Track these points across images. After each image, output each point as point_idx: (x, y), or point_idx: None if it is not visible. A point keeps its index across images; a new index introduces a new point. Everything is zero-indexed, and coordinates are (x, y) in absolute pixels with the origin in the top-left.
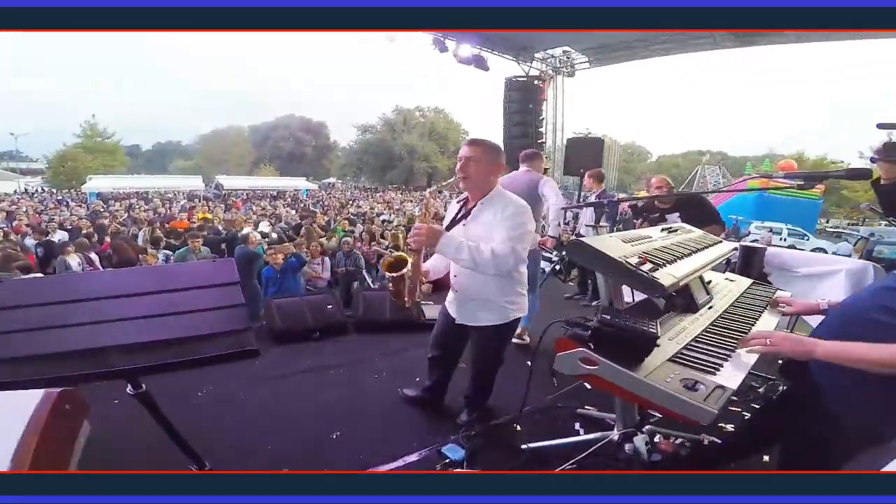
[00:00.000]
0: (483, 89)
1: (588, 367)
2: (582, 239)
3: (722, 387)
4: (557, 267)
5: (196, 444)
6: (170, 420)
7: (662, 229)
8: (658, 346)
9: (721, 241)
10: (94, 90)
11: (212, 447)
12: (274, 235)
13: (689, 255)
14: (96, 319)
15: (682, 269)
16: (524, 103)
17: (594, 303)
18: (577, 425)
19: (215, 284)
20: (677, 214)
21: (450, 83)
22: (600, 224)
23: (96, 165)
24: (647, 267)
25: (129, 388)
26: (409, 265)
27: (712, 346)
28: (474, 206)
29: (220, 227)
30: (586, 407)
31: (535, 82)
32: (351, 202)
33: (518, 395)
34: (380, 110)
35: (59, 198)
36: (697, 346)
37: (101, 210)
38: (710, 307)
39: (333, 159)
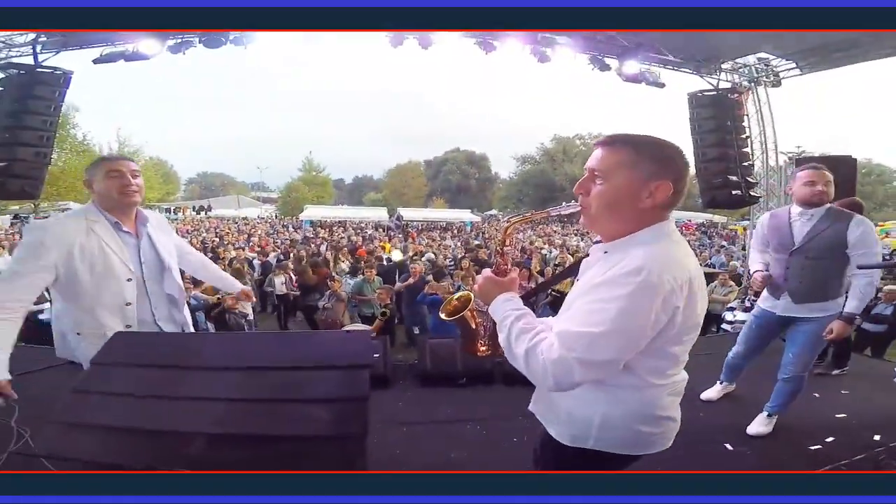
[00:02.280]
0: (655, 109)
1: None
2: None
3: None
4: None
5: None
6: None
7: None
8: None
9: None
10: (314, 129)
11: None
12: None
13: None
14: (187, 394)
15: None
16: (719, 120)
17: (834, 372)
18: None
19: (339, 366)
20: None
21: (612, 105)
22: None
23: (311, 196)
24: None
25: None
26: (472, 304)
27: None
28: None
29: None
30: None
31: (730, 95)
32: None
33: None
34: (537, 140)
35: (283, 223)
36: None
37: (310, 237)
38: None
39: (495, 191)
